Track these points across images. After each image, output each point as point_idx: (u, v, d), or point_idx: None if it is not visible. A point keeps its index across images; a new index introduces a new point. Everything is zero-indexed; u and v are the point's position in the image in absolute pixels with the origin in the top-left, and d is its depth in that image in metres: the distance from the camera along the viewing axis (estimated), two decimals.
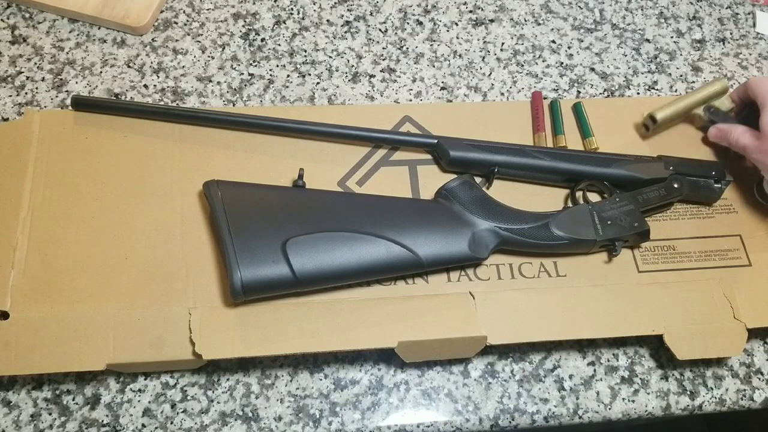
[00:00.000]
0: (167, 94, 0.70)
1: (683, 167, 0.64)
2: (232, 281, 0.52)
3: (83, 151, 0.61)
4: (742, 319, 0.58)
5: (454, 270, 0.59)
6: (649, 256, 0.62)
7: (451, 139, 0.63)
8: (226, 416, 0.56)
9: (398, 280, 0.58)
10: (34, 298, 0.55)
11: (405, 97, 0.73)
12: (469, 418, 0.58)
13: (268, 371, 0.58)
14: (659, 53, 0.80)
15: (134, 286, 0.56)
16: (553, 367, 0.60)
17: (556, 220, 0.58)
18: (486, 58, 0.77)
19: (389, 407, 0.57)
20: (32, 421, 0.54)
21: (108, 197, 0.60)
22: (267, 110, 0.67)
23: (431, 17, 0.80)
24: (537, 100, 0.69)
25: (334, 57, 0.75)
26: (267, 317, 0.55)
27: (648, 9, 0.84)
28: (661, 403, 0.60)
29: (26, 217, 0.58)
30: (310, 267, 0.53)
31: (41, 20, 0.74)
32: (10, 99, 0.69)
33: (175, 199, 0.60)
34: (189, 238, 0.58)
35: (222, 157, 0.62)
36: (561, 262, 0.61)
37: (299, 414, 0.56)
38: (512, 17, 0.81)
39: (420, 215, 0.58)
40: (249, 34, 0.76)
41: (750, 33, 0.83)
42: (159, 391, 0.57)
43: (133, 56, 0.73)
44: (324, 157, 0.64)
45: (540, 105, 0.69)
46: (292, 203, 0.57)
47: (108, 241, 0.58)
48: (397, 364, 0.59)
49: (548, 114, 0.69)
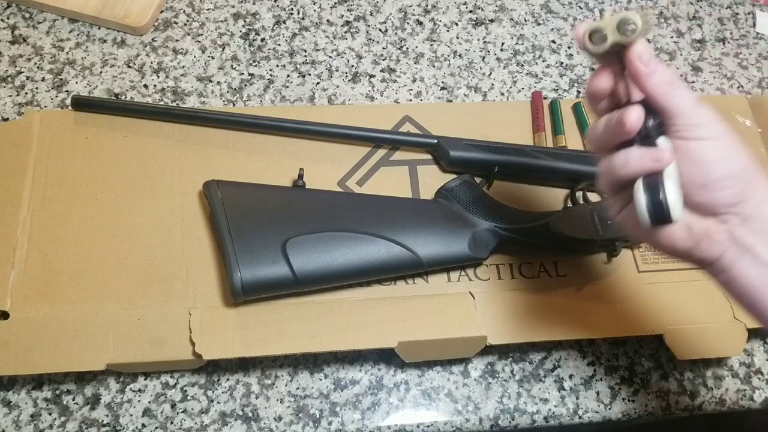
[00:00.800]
0: (167, 94, 0.70)
1: None
2: (232, 281, 0.52)
3: (83, 151, 0.61)
4: (742, 319, 0.58)
5: (454, 270, 0.59)
6: (649, 256, 0.62)
7: (451, 139, 0.63)
8: (226, 416, 0.56)
9: (398, 280, 0.58)
10: (34, 298, 0.55)
11: (405, 97, 0.73)
12: (469, 418, 0.58)
13: (268, 371, 0.58)
14: (659, 53, 0.80)
15: (134, 286, 0.56)
16: (553, 367, 0.60)
17: (556, 220, 0.58)
18: (486, 58, 0.77)
19: (389, 407, 0.57)
20: (32, 421, 0.54)
21: (108, 197, 0.60)
22: (267, 110, 0.67)
23: (431, 17, 0.80)
24: (537, 100, 0.69)
25: (334, 57, 0.75)
26: (267, 317, 0.55)
27: (648, 9, 0.84)
28: (661, 403, 0.60)
29: (26, 217, 0.58)
30: (310, 267, 0.53)
31: (41, 20, 0.74)
32: (10, 99, 0.69)
33: (175, 199, 0.60)
34: (189, 238, 0.58)
35: (222, 157, 0.62)
36: (561, 262, 0.61)
37: (299, 414, 0.56)
38: (512, 17, 0.81)
39: (420, 215, 0.58)
40: (249, 34, 0.76)
41: (750, 33, 0.83)
42: (159, 391, 0.57)
43: (133, 56, 0.73)
44: (324, 157, 0.64)
45: (540, 105, 0.69)
46: (292, 203, 0.57)
47: (108, 241, 0.58)
48: (397, 364, 0.59)
49: (548, 114, 0.69)
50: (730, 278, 0.39)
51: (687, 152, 0.38)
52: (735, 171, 0.38)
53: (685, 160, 0.38)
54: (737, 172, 0.38)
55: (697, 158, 0.37)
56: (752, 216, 0.38)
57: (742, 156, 0.38)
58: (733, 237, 0.38)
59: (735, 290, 0.39)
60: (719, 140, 0.38)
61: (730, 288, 0.40)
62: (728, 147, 0.38)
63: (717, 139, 0.38)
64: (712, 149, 0.38)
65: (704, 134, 0.38)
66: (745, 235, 0.38)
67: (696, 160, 0.38)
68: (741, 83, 0.78)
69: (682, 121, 0.37)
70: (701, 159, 0.37)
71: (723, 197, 0.38)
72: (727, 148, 0.38)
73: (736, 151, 0.38)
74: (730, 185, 0.38)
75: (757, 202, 0.38)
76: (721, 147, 0.38)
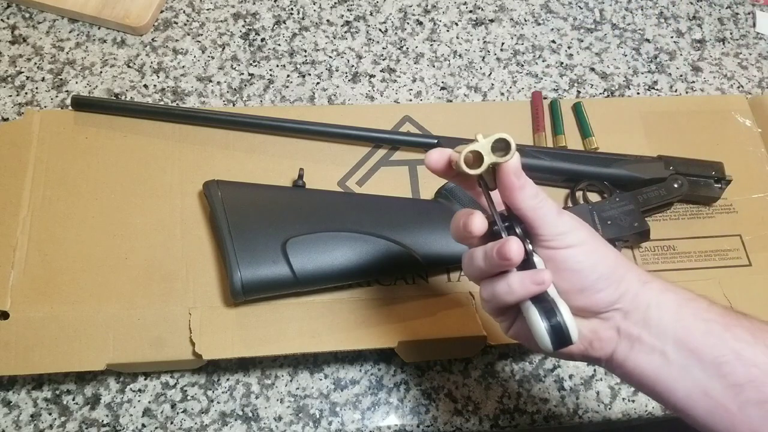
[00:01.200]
0: (167, 94, 0.70)
1: (683, 167, 0.63)
2: (232, 281, 0.52)
3: (83, 151, 0.61)
4: None
5: (454, 270, 0.59)
6: (649, 256, 0.62)
7: (451, 139, 0.63)
8: (226, 416, 0.56)
9: (398, 280, 0.58)
10: (34, 298, 0.55)
11: (405, 97, 0.73)
12: (469, 418, 0.58)
13: (268, 371, 0.58)
14: (659, 53, 0.80)
15: (134, 286, 0.56)
16: (553, 367, 0.60)
17: None
18: (486, 58, 0.77)
19: (389, 407, 0.57)
20: (32, 421, 0.54)
21: (108, 197, 0.60)
22: (267, 110, 0.67)
23: (431, 17, 0.80)
24: (537, 100, 0.69)
25: (334, 57, 0.75)
26: (267, 317, 0.55)
27: (648, 9, 0.84)
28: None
29: (26, 217, 0.58)
30: (310, 267, 0.53)
31: (41, 20, 0.74)
32: (10, 99, 0.69)
33: (175, 199, 0.60)
34: (189, 238, 0.58)
35: (222, 157, 0.62)
36: None
37: (299, 414, 0.56)
38: (512, 17, 0.81)
39: (420, 215, 0.58)
40: (249, 34, 0.76)
41: (750, 33, 0.83)
42: (159, 391, 0.57)
43: (133, 56, 0.73)
44: (324, 157, 0.64)
45: (540, 105, 0.69)
46: (292, 203, 0.57)
47: (108, 241, 0.58)
48: (397, 364, 0.59)
49: (548, 114, 0.69)
50: (627, 371, 0.40)
51: (559, 261, 0.38)
52: (607, 271, 0.39)
53: (560, 269, 0.38)
54: (609, 272, 0.39)
55: (569, 266, 0.38)
56: (632, 309, 0.39)
57: (610, 255, 0.39)
58: (620, 331, 0.39)
59: (634, 381, 0.40)
60: (585, 245, 0.39)
61: (630, 380, 0.40)
62: (595, 250, 0.39)
63: (583, 244, 0.39)
64: (581, 255, 0.38)
65: (570, 242, 0.38)
66: (630, 328, 0.39)
67: (569, 268, 0.38)
68: (741, 83, 0.78)
69: (548, 231, 0.38)
70: (573, 266, 0.38)
71: (602, 298, 0.39)
72: (595, 251, 0.39)
73: (604, 252, 0.39)
74: (606, 285, 0.38)
75: (633, 294, 0.39)
76: (589, 251, 0.39)
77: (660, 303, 0.39)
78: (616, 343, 0.39)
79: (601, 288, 0.38)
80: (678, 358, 0.38)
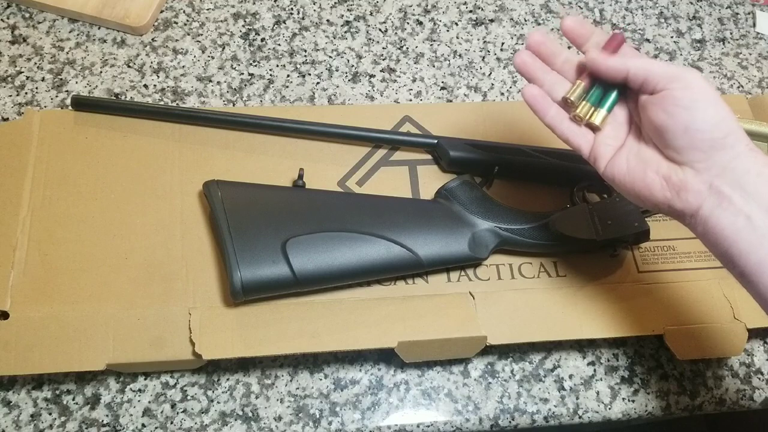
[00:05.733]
0: (167, 94, 0.70)
1: None
2: (232, 281, 0.52)
3: (83, 151, 0.61)
4: (742, 319, 0.58)
5: (454, 270, 0.59)
6: (649, 256, 0.62)
7: (451, 139, 0.63)
8: (226, 416, 0.56)
9: (398, 280, 0.58)
10: (34, 298, 0.55)
11: (405, 97, 0.73)
12: (469, 418, 0.58)
13: (268, 371, 0.58)
14: (659, 53, 0.80)
15: (134, 286, 0.56)
16: (553, 367, 0.60)
17: (556, 220, 0.58)
18: (486, 58, 0.77)
19: (389, 407, 0.57)
20: (32, 421, 0.54)
21: (108, 197, 0.60)
22: (267, 110, 0.67)
23: (431, 17, 0.80)
24: None
25: (334, 57, 0.75)
26: (267, 317, 0.55)
27: (648, 9, 0.84)
28: (661, 403, 0.60)
29: (26, 217, 0.58)
30: (310, 267, 0.53)
31: (41, 20, 0.74)
32: (10, 99, 0.69)
33: (175, 199, 0.60)
34: (189, 238, 0.58)
35: (222, 157, 0.62)
36: (561, 262, 0.61)
37: (299, 414, 0.56)
38: (512, 17, 0.81)
39: (420, 215, 0.58)
40: (249, 34, 0.76)
41: (750, 33, 0.83)
42: (159, 391, 0.57)
43: (133, 56, 0.73)
44: (324, 157, 0.64)
45: None
46: (292, 203, 0.57)
47: (108, 241, 0.58)
48: (397, 364, 0.59)
49: None
50: (708, 229, 0.40)
51: (672, 99, 0.40)
52: (718, 118, 0.39)
53: (669, 107, 0.39)
54: (719, 120, 0.39)
55: (683, 103, 0.39)
56: (730, 167, 0.39)
57: (726, 107, 0.40)
58: (711, 186, 0.39)
59: (710, 239, 0.41)
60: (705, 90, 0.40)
61: (707, 238, 0.41)
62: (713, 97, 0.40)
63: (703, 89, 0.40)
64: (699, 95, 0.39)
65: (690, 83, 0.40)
66: (723, 186, 0.39)
67: (682, 105, 0.39)
68: (741, 83, 0.78)
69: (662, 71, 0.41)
70: (687, 104, 0.39)
71: (703, 141, 0.39)
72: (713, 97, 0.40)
73: (720, 102, 0.40)
74: (712, 130, 0.39)
75: (737, 153, 0.39)
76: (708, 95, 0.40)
77: (761, 173, 0.39)
78: (704, 198, 0.39)
79: (705, 129, 0.39)
80: (763, 225, 0.38)
